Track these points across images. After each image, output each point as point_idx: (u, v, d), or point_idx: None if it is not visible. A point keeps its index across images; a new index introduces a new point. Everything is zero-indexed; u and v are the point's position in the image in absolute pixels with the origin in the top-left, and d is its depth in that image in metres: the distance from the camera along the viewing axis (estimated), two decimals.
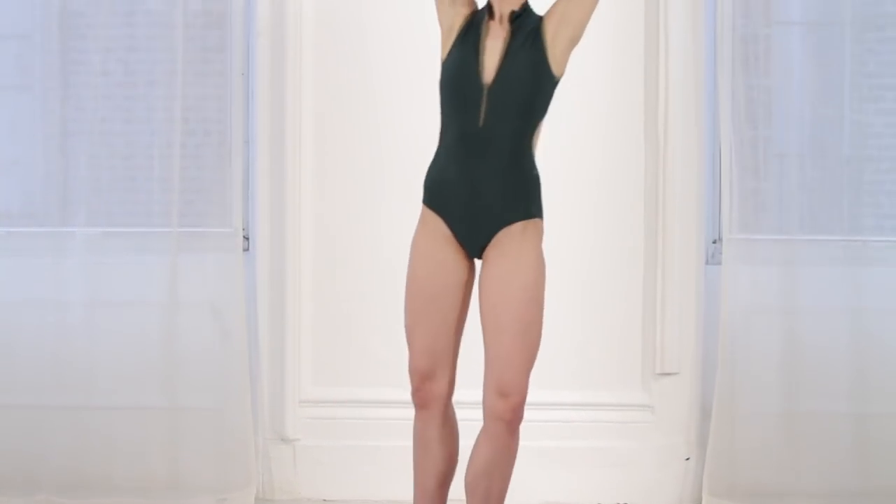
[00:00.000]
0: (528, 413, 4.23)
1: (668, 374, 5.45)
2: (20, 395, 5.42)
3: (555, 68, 3.94)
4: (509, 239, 3.92)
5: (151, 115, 5.43)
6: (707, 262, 5.47)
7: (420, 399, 4.09)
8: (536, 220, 3.96)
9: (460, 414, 4.17)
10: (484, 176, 3.91)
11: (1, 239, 5.49)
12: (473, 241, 3.98)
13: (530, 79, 3.91)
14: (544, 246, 3.89)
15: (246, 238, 5.50)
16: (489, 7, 4.02)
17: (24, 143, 5.49)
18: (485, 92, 3.92)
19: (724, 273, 5.32)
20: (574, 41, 3.96)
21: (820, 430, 5.32)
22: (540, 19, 3.98)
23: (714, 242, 5.48)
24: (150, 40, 5.42)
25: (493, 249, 3.94)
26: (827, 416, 5.32)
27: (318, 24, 5.47)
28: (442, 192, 4.00)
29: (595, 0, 3.94)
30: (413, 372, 4.07)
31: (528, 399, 4.35)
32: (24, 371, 5.41)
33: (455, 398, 4.14)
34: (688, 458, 5.48)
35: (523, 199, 3.93)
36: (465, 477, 4.00)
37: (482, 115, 3.91)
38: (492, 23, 4.00)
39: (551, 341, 5.42)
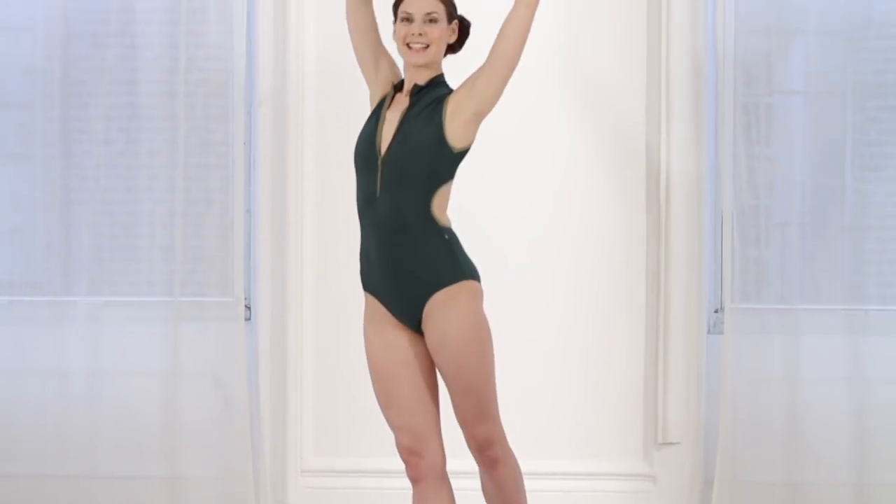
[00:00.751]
0: (529, 482, 4.25)
1: (670, 443, 5.44)
2: (22, 464, 5.43)
3: (452, 140, 3.98)
4: (437, 308, 3.98)
5: (153, 183, 5.44)
6: (709, 332, 5.46)
7: (412, 474, 4.15)
8: (462, 282, 4.00)
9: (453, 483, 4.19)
10: (395, 250, 3.98)
11: (2, 308, 5.50)
12: (408, 316, 4.05)
13: (422, 150, 3.97)
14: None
15: (247, 307, 5.50)
16: (403, 80, 4.12)
17: (25, 212, 5.50)
18: (379, 162, 3.98)
19: (726, 342, 5.32)
20: (479, 115, 4.01)
21: (822, 499, 5.31)
22: (448, 93, 4.04)
23: (716, 312, 5.47)
24: (152, 109, 5.43)
25: (427, 321, 4.01)
26: (829, 486, 5.32)
27: (319, 92, 5.48)
28: (370, 273, 4.09)
29: (504, 78, 3.99)
30: (399, 449, 4.13)
31: (530, 468, 4.37)
32: (26, 440, 5.42)
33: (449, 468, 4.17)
34: None
35: (438, 267, 3.99)
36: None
37: (378, 186, 3.98)
38: (398, 95, 4.11)
39: (553, 410, 5.47)
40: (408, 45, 4.03)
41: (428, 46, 4.02)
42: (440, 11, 4.06)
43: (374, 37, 4.19)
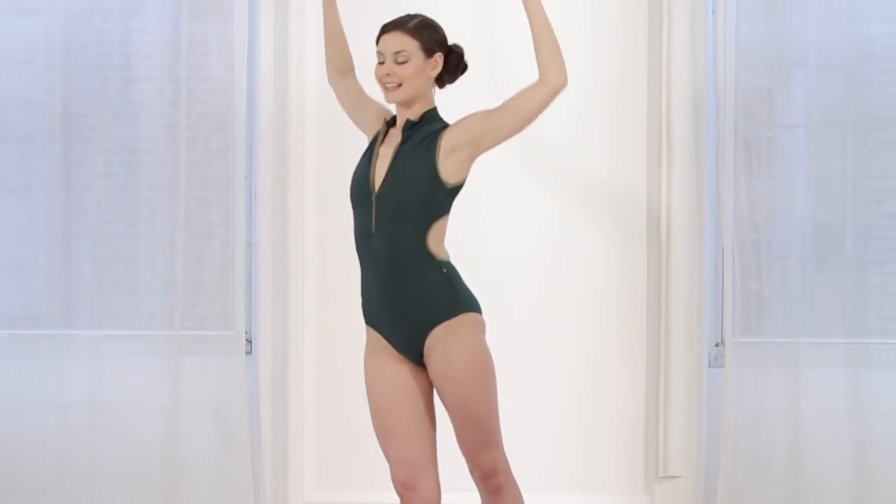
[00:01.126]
0: None
1: (671, 477, 5.44)
2: (22, 498, 5.42)
3: (446, 176, 3.97)
4: (439, 341, 3.97)
5: (154, 217, 5.45)
6: (710, 366, 5.46)
7: None
8: (463, 315, 3.99)
9: None
10: (393, 285, 3.97)
11: (3, 341, 5.49)
12: (410, 350, 4.04)
13: (415, 185, 3.95)
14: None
15: (248, 341, 5.49)
16: (395, 116, 4.12)
17: (26, 246, 5.50)
18: (374, 198, 3.98)
19: (727, 376, 5.32)
20: (474, 157, 4.00)
21: None
22: (442, 128, 4.02)
23: (716, 345, 5.47)
24: (153, 143, 5.44)
25: (429, 354, 4.00)
26: None
27: (319, 126, 5.48)
28: (370, 308, 4.08)
29: (505, 137, 3.98)
30: (394, 483, 4.12)
31: (531, 502, 4.37)
32: (26, 473, 5.42)
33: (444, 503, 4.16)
34: None
35: (438, 302, 3.97)
36: None
37: (374, 221, 3.98)
38: (392, 130, 4.10)
39: (554, 444, 5.46)
40: (384, 84, 4.04)
41: (401, 85, 4.02)
42: (411, 49, 4.00)
43: (359, 95, 4.24)
